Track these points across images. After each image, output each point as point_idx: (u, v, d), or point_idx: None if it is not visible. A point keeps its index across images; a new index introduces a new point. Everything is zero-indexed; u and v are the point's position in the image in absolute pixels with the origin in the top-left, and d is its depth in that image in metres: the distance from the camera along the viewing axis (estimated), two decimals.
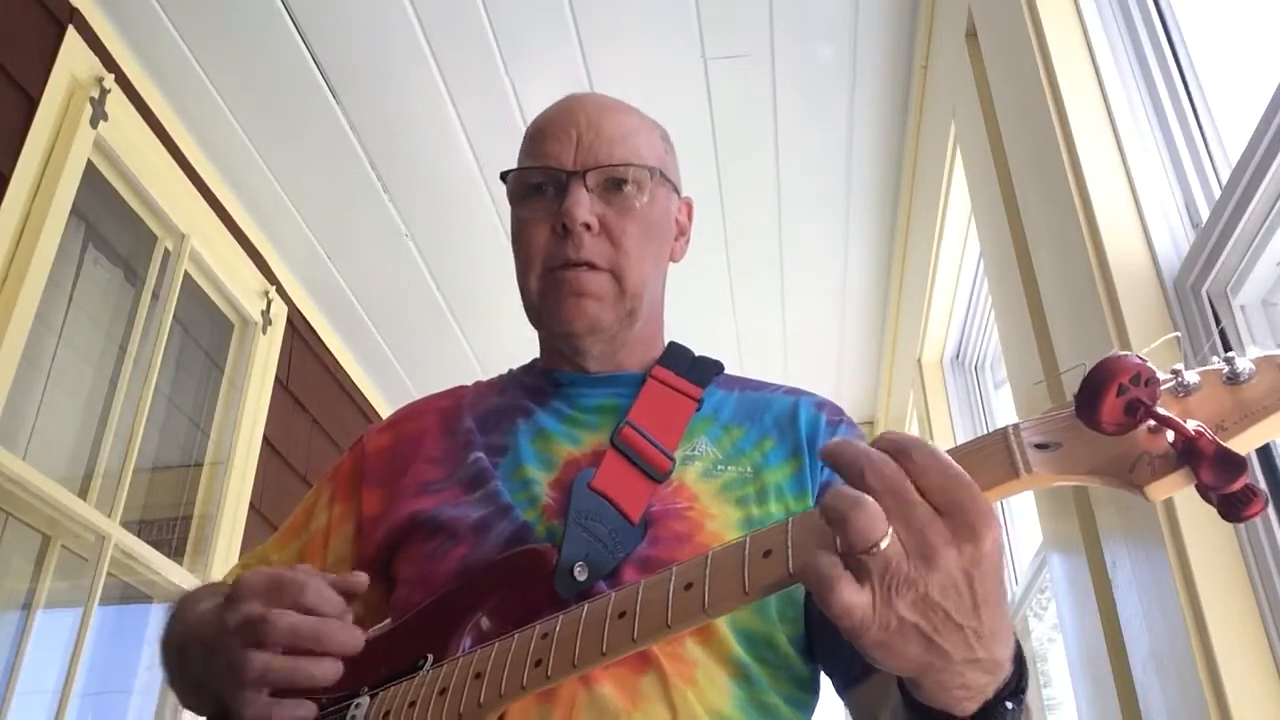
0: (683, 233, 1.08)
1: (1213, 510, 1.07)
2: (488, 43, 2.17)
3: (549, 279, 0.95)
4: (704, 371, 1.00)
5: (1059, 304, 1.44)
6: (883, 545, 0.52)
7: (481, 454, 0.94)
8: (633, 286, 0.96)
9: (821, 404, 0.99)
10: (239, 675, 0.73)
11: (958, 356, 2.72)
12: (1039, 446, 0.58)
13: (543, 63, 2.22)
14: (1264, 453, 1.04)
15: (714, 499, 0.88)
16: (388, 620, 0.96)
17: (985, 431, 0.75)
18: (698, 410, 0.96)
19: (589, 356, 0.98)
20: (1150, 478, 0.54)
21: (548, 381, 1.01)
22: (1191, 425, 0.53)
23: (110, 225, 2.22)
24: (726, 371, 1.04)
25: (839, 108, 2.39)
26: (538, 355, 1.07)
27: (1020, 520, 2.34)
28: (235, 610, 0.75)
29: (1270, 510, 1.02)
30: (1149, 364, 0.54)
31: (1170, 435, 0.54)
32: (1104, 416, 0.54)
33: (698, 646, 0.81)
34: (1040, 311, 1.52)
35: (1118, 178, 1.28)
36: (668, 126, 1.07)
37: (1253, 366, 0.55)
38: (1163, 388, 0.56)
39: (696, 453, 0.92)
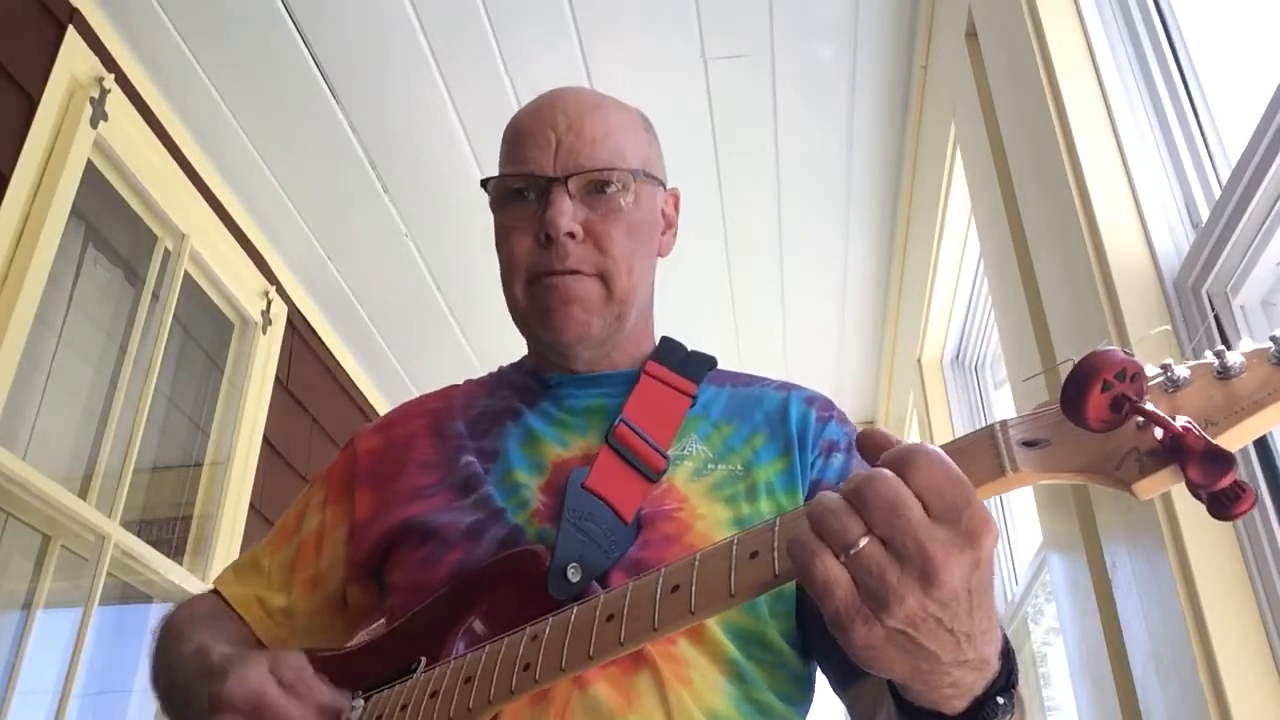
0: (670, 225, 1.05)
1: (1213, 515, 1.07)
2: (488, 43, 2.17)
3: (535, 287, 0.94)
4: (698, 366, 0.99)
5: (1059, 304, 1.44)
6: (860, 545, 0.51)
7: (473, 458, 0.93)
8: (621, 291, 0.94)
9: (812, 399, 0.98)
10: None
11: (958, 356, 2.72)
12: (1026, 444, 0.57)
13: (543, 63, 2.22)
14: (1264, 452, 1.04)
15: (703, 498, 0.87)
16: (381, 623, 0.96)
17: None
18: (691, 406, 0.95)
19: (579, 361, 0.97)
20: (1138, 475, 0.53)
21: (536, 382, 1.00)
22: (1179, 421, 0.51)
23: (110, 225, 2.22)
24: (720, 367, 1.02)
25: (839, 108, 2.39)
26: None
27: (1020, 520, 2.34)
28: None
29: (1270, 510, 1.02)
30: (1135, 359, 0.53)
31: (1158, 431, 0.52)
32: (1089, 413, 0.53)
33: (690, 646, 0.80)
34: (1040, 311, 1.52)
35: (1118, 178, 1.28)
36: (668, 127, 1.07)
37: (1243, 360, 0.54)
38: (1152, 383, 0.55)
39: (687, 452, 0.91)
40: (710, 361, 1.01)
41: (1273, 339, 0.53)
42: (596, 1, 2.10)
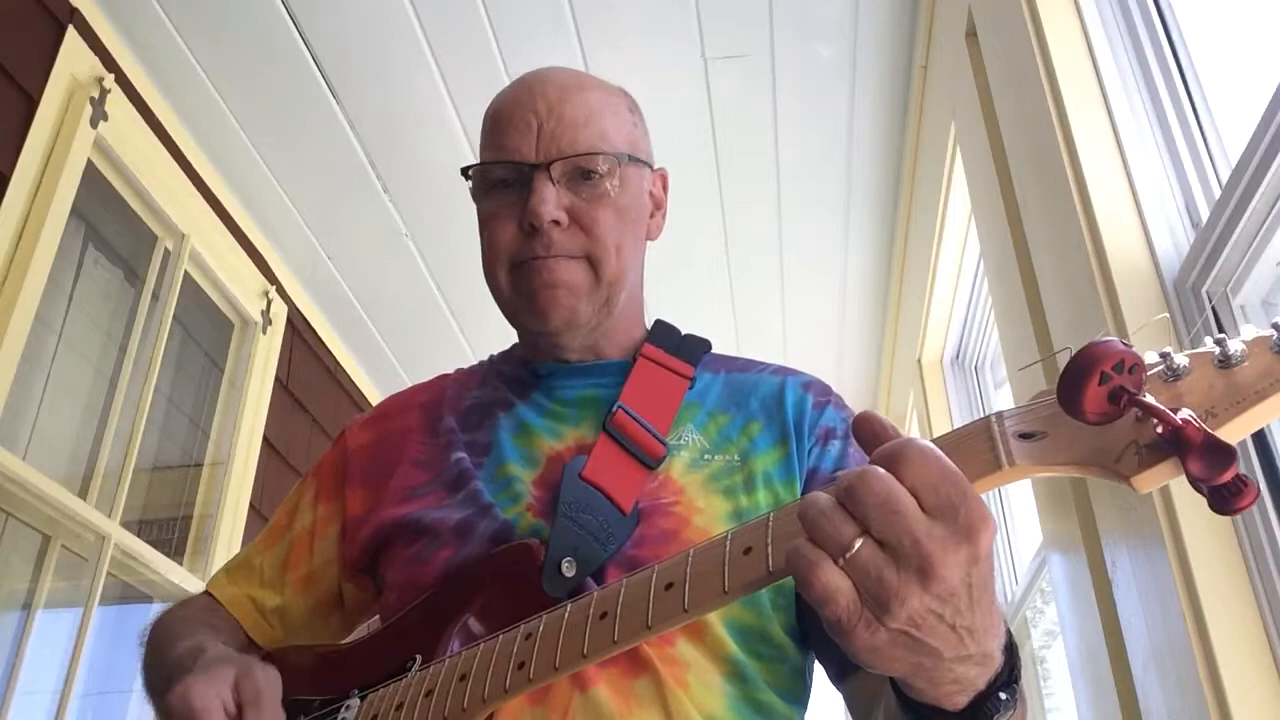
0: (659, 207, 1.02)
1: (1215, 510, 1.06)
2: (488, 43, 2.17)
3: (518, 273, 0.91)
4: (693, 349, 0.97)
5: (1059, 304, 1.44)
6: (855, 547, 0.50)
7: (464, 454, 0.92)
8: (610, 274, 0.91)
9: (809, 384, 0.96)
10: None
11: (958, 356, 2.72)
12: (1022, 436, 0.55)
13: (543, 63, 2.21)
14: (1264, 453, 1.04)
15: (701, 490, 0.86)
16: (376, 619, 0.96)
17: None
18: (689, 389, 0.93)
19: (568, 350, 0.95)
20: (1137, 468, 0.51)
21: (527, 373, 0.98)
22: (1179, 414, 0.50)
23: (110, 225, 2.22)
24: (715, 351, 1.01)
25: (839, 108, 2.39)
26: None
27: (1020, 520, 2.34)
28: None
29: (1270, 510, 1.02)
30: (1134, 350, 0.51)
31: (1158, 423, 0.51)
32: (1086, 406, 0.51)
33: (690, 646, 0.79)
34: (1040, 311, 1.52)
35: (1118, 178, 1.28)
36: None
37: (1245, 349, 0.52)
38: (1151, 372, 0.53)
39: (683, 442, 0.89)
40: (705, 344, 1.00)
41: (1275, 326, 0.51)
42: (596, 1, 2.10)
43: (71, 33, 1.95)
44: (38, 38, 1.90)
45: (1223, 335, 0.53)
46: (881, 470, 0.52)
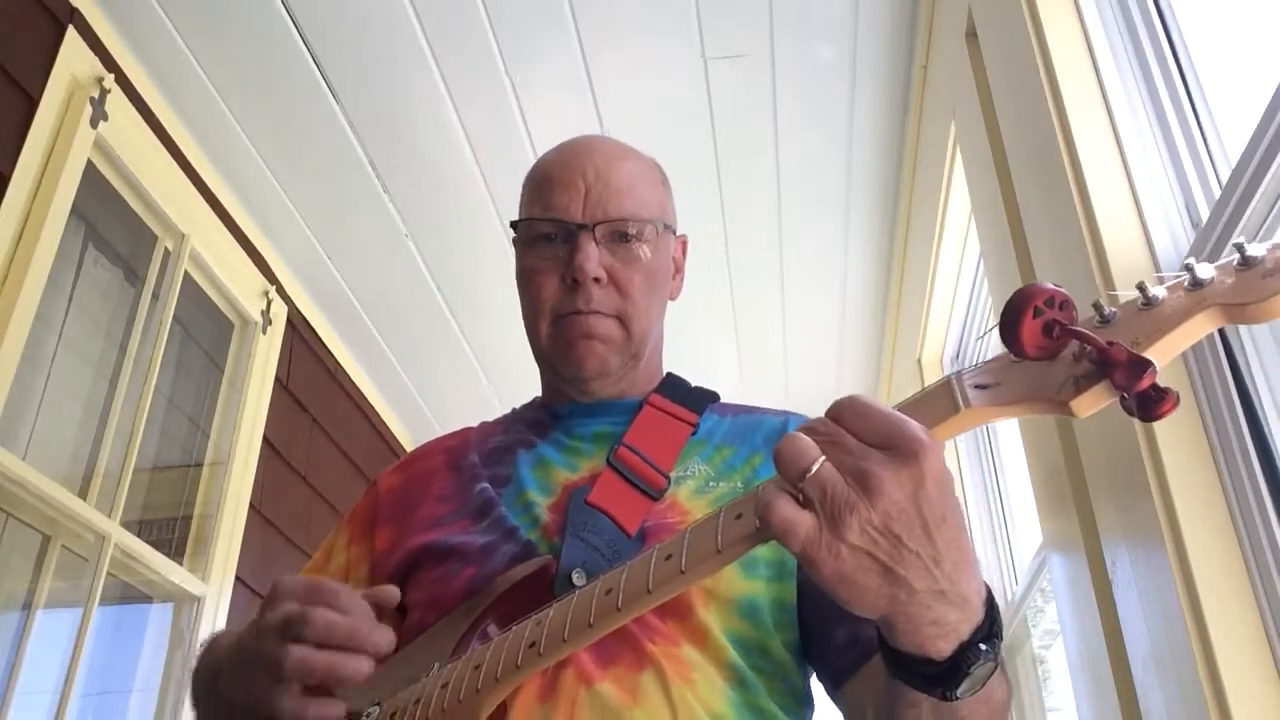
0: (679, 270, 1.11)
1: (1212, 510, 1.08)
2: (488, 43, 2.17)
3: (559, 325, 0.99)
4: (699, 399, 1.04)
5: None
6: (814, 469, 0.56)
7: (487, 484, 0.98)
8: (639, 332, 1.01)
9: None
10: (276, 669, 0.72)
11: (958, 356, 2.72)
12: (979, 387, 0.62)
13: (543, 63, 2.22)
14: (1264, 455, 1.04)
15: (705, 512, 0.90)
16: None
17: (982, 434, 0.76)
18: (693, 434, 0.99)
19: (594, 396, 1.02)
20: (1074, 394, 0.58)
21: (547, 415, 1.06)
22: (1106, 340, 0.57)
23: (110, 225, 2.22)
24: (722, 400, 1.07)
25: (839, 108, 2.39)
26: (538, 393, 1.11)
27: (1020, 520, 2.34)
28: (273, 610, 0.76)
29: (1270, 510, 1.02)
30: (1063, 289, 0.59)
31: (1089, 351, 0.58)
32: (1024, 339, 0.58)
33: (694, 650, 0.82)
34: None
35: (1118, 177, 1.29)
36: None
37: (1165, 293, 0.60)
38: (1085, 318, 0.61)
39: (689, 472, 0.95)
40: (712, 395, 1.06)
41: (1185, 267, 0.59)
42: (596, 1, 2.10)
43: (71, 33, 1.95)
44: (38, 38, 1.90)
45: (1144, 282, 0.61)
46: (827, 418, 0.60)
